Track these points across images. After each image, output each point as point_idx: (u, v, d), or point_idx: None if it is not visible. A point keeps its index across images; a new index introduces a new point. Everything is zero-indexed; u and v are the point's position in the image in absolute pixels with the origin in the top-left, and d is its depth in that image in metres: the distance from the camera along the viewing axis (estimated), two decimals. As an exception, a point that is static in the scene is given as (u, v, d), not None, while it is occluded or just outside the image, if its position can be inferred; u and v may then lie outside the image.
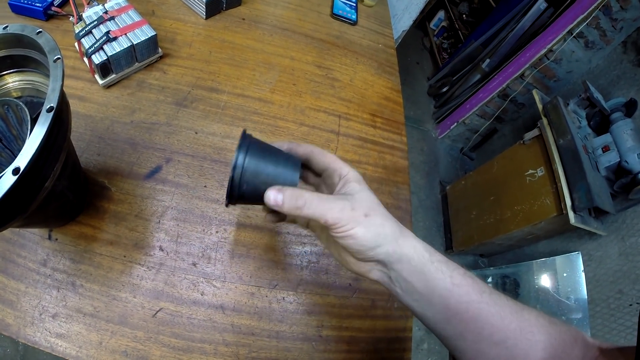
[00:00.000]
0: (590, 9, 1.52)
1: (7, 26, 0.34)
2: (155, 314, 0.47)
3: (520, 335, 0.31)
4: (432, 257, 0.32)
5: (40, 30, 0.33)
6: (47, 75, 0.33)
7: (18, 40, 0.35)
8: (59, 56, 0.32)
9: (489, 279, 1.74)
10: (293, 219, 0.40)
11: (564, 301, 1.37)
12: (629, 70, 1.54)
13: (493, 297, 0.32)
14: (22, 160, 0.27)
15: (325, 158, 0.36)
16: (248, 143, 0.35)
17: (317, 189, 0.40)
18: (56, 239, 0.48)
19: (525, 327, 0.32)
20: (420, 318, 0.34)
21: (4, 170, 0.27)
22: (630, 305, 1.22)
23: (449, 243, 1.95)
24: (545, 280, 1.48)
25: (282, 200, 0.32)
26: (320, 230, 0.39)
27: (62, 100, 0.33)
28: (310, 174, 0.40)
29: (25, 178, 0.28)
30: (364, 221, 0.31)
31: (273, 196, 0.32)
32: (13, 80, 0.39)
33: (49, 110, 0.29)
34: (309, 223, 0.40)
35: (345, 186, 0.34)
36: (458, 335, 0.32)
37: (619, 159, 1.33)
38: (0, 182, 0.27)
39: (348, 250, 0.32)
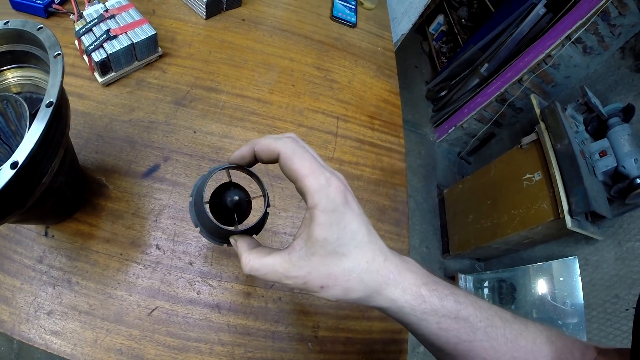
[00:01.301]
0: (589, 14, 1.53)
1: (8, 22, 0.34)
2: (151, 312, 0.47)
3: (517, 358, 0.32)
4: (415, 308, 0.29)
5: (41, 26, 0.33)
6: (47, 72, 0.33)
7: (19, 35, 0.35)
8: (59, 52, 0.32)
9: (486, 283, 1.74)
10: None
11: (560, 306, 1.38)
12: (627, 76, 1.55)
13: (487, 332, 0.31)
14: (21, 154, 0.27)
15: (294, 171, 0.27)
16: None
17: None
18: (52, 236, 0.48)
19: (520, 356, 0.32)
20: (412, 333, 0.34)
21: (1, 165, 0.27)
22: (627, 309, 1.23)
23: (446, 246, 1.95)
24: (541, 285, 1.48)
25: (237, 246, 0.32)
26: None
27: (62, 96, 0.33)
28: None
29: (23, 173, 0.28)
30: (327, 291, 0.28)
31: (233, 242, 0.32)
32: (13, 76, 0.39)
33: (49, 105, 0.29)
34: None
35: (308, 230, 0.27)
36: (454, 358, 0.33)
37: (616, 164, 1.34)
38: (-2, 177, 0.27)
39: None
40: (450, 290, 0.31)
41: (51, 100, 0.29)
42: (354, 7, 1.00)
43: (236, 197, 0.35)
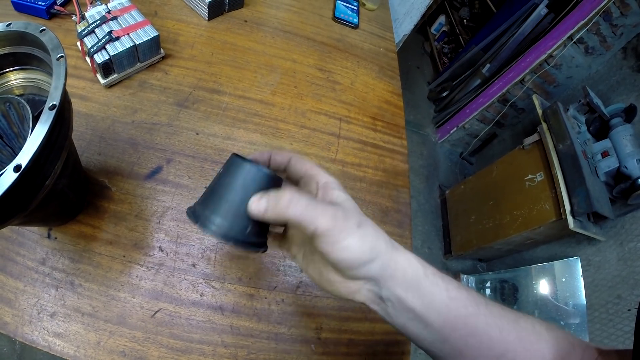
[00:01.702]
0: (591, 14, 1.53)
1: (10, 24, 0.34)
2: (154, 314, 0.47)
3: (519, 345, 0.31)
4: (426, 270, 0.30)
5: (44, 28, 0.33)
6: (50, 74, 0.33)
7: (21, 37, 0.35)
8: (62, 54, 0.32)
9: (488, 284, 1.73)
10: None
11: (562, 307, 1.37)
12: (629, 76, 1.55)
13: (489, 309, 0.31)
14: (24, 157, 0.27)
15: (303, 165, 0.34)
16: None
17: None
18: (55, 238, 0.48)
19: (523, 336, 0.31)
20: (414, 339, 0.32)
21: (4, 167, 0.27)
22: (629, 310, 1.22)
23: (448, 247, 1.95)
24: (543, 285, 1.48)
25: (265, 206, 0.29)
26: (298, 247, 0.35)
27: (65, 98, 0.33)
28: (288, 184, 0.37)
29: (26, 176, 0.28)
30: (358, 232, 0.28)
31: (255, 205, 0.29)
32: (15, 78, 0.39)
33: (52, 108, 0.29)
34: (284, 243, 0.37)
35: (329, 193, 0.31)
36: (457, 353, 0.31)
37: (618, 165, 1.33)
38: (1, 180, 0.26)
39: (338, 266, 0.29)
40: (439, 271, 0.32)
41: (54, 102, 0.29)
42: (356, 8, 1.00)
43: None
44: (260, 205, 0.29)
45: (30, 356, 1.06)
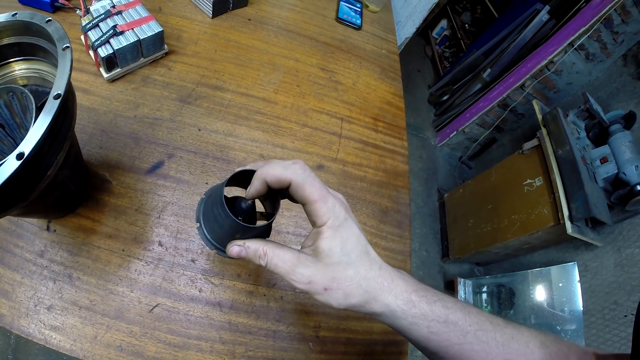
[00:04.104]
0: (592, 21, 1.54)
1: (16, 13, 0.34)
2: (152, 309, 0.47)
3: None
4: (406, 312, 0.31)
5: (50, 18, 0.33)
6: (54, 65, 0.33)
7: (27, 28, 0.35)
8: (67, 45, 0.32)
9: (485, 288, 1.74)
10: None
11: (558, 313, 1.37)
12: (629, 83, 1.56)
13: (478, 335, 0.32)
14: (27, 145, 0.27)
15: (305, 193, 0.30)
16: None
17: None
18: (54, 230, 0.48)
19: (512, 358, 0.32)
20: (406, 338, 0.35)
21: (5, 157, 0.27)
22: (625, 316, 1.22)
23: (446, 250, 1.95)
24: (540, 290, 1.48)
25: (244, 255, 0.32)
26: None
27: (69, 88, 0.33)
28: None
29: (28, 164, 0.28)
30: (324, 293, 0.30)
31: (234, 252, 0.32)
32: (20, 68, 0.39)
33: (56, 97, 0.29)
34: None
35: (316, 242, 0.31)
36: None
37: (617, 171, 1.34)
38: (4, 167, 0.26)
39: None
40: (439, 297, 0.33)
41: (59, 92, 0.29)
42: (359, 10, 1.00)
43: (249, 203, 0.35)
44: (239, 254, 0.32)
45: (25, 350, 1.05)
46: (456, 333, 0.32)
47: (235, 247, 0.32)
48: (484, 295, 1.73)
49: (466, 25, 2.72)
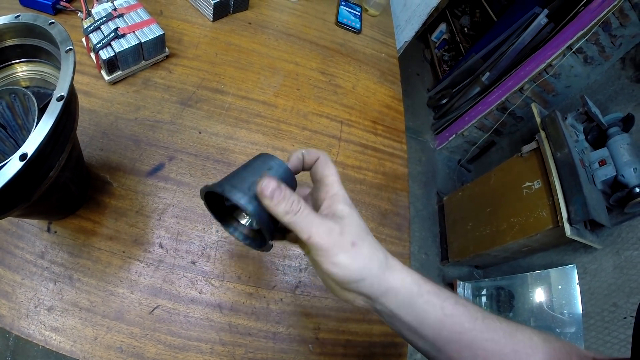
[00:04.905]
0: (590, 25, 1.55)
1: (19, 15, 0.34)
2: (152, 310, 0.47)
3: (514, 358, 0.31)
4: (421, 289, 0.30)
5: (53, 21, 0.34)
6: (57, 67, 0.33)
7: (30, 30, 0.35)
8: (70, 47, 0.32)
9: (484, 291, 1.73)
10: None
11: (557, 316, 1.37)
12: (627, 86, 1.57)
13: (486, 323, 0.31)
14: (30, 146, 0.27)
15: (324, 170, 0.32)
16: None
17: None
18: (55, 232, 0.48)
19: (519, 349, 0.31)
20: (410, 344, 0.33)
21: (7, 158, 0.27)
22: (625, 318, 1.22)
23: (445, 253, 1.95)
24: (539, 293, 1.48)
25: (269, 193, 0.28)
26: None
27: (72, 91, 0.33)
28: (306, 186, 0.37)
29: (31, 165, 0.28)
30: (351, 250, 0.28)
31: (264, 184, 0.28)
32: (22, 70, 0.39)
33: (59, 99, 0.29)
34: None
35: (333, 206, 0.31)
36: None
37: (615, 173, 1.34)
38: (7, 168, 0.27)
39: (329, 278, 0.30)
40: (439, 286, 0.32)
41: (62, 94, 0.30)
42: (359, 14, 1.01)
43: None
44: (267, 188, 0.28)
45: (23, 352, 1.05)
46: (467, 317, 0.31)
47: (264, 181, 0.28)
48: (484, 298, 1.72)
49: (465, 28, 2.74)
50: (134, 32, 0.60)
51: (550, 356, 0.32)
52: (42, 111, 0.31)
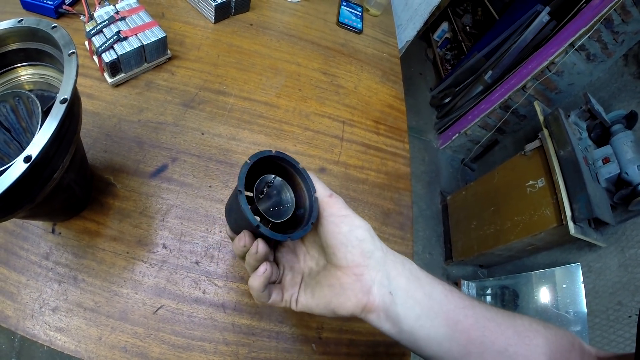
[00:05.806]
0: (592, 22, 1.54)
1: (22, 19, 0.35)
2: (156, 311, 0.47)
3: (519, 340, 0.31)
4: (419, 268, 0.33)
5: (56, 25, 0.34)
6: (60, 70, 0.34)
7: (32, 33, 0.36)
8: (73, 50, 0.32)
9: (488, 290, 1.73)
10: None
11: (562, 314, 1.37)
12: (630, 83, 1.56)
13: (484, 305, 0.32)
14: (34, 148, 0.28)
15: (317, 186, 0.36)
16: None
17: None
18: (60, 233, 0.48)
19: (521, 331, 0.31)
20: (422, 346, 0.31)
21: (12, 160, 0.28)
22: (630, 316, 1.22)
23: (449, 253, 1.94)
24: (544, 292, 1.47)
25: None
26: (292, 285, 0.39)
27: (75, 93, 0.33)
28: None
29: (35, 167, 0.28)
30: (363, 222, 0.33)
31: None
32: (25, 73, 0.39)
33: (63, 101, 0.29)
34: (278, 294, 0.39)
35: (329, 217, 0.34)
36: (463, 351, 0.31)
37: (619, 171, 1.33)
38: (11, 170, 0.27)
39: (350, 235, 0.32)
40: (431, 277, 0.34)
41: (65, 96, 0.30)
42: (360, 14, 1.01)
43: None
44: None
45: (28, 353, 1.06)
46: (463, 295, 0.32)
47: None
48: (488, 297, 1.72)
49: (467, 27, 2.73)
50: (136, 34, 0.61)
51: (552, 341, 0.32)
52: (45, 114, 0.31)
